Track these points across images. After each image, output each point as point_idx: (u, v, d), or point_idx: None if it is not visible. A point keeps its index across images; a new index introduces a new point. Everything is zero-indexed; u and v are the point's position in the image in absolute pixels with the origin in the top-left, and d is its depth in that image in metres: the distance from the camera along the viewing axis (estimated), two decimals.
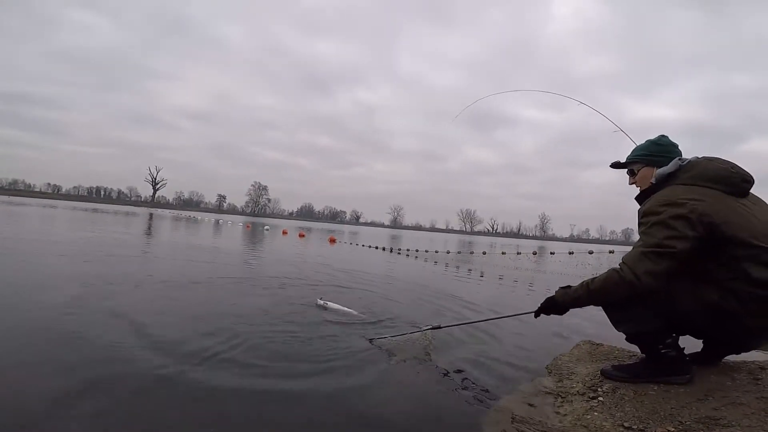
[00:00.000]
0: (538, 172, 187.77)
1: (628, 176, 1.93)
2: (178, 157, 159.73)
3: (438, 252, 12.21)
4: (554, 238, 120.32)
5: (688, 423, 1.43)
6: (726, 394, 1.55)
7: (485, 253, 12.29)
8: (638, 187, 1.87)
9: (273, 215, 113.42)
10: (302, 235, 18.44)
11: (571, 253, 11.04)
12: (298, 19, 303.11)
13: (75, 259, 5.06)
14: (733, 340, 1.69)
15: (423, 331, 2.56)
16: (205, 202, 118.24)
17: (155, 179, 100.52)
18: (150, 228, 14.23)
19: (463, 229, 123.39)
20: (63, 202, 54.98)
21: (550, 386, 1.94)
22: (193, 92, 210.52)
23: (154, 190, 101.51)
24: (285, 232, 19.79)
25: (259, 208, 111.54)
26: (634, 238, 1.70)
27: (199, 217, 35.52)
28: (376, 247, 13.22)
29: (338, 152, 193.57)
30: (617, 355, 2.21)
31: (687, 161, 1.70)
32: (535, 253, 14.75)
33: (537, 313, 1.91)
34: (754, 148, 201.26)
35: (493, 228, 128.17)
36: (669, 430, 1.41)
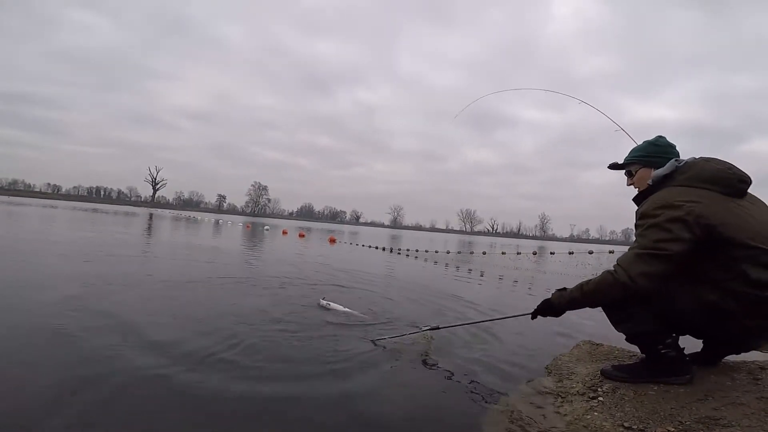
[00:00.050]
0: (538, 172, 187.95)
1: (626, 177, 1.93)
2: (178, 157, 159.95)
3: (438, 252, 12.21)
4: (554, 238, 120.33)
5: (688, 423, 1.43)
6: (726, 394, 1.55)
7: (485, 253, 12.29)
8: (636, 188, 1.87)
9: (273, 215, 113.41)
10: (302, 235, 18.44)
11: (571, 253, 11.06)
12: (298, 19, 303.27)
13: (75, 259, 5.06)
14: (732, 341, 1.69)
15: (422, 331, 2.56)
16: (205, 202, 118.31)
17: (155, 179, 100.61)
18: (150, 228, 14.23)
19: (463, 229, 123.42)
20: (63, 202, 54.98)
21: (550, 386, 1.94)
22: (193, 92, 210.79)
23: (154, 190, 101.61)
24: (285, 232, 19.79)
25: (259, 208, 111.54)
26: (634, 239, 1.70)
27: (199, 217, 35.50)
28: (376, 247, 13.22)
29: (338, 152, 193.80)
30: (617, 355, 2.21)
31: (684, 162, 1.70)
32: (535, 253, 14.76)
33: (534, 315, 1.92)
34: (754, 148, 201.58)
35: (493, 228, 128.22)
36: (669, 430, 1.41)
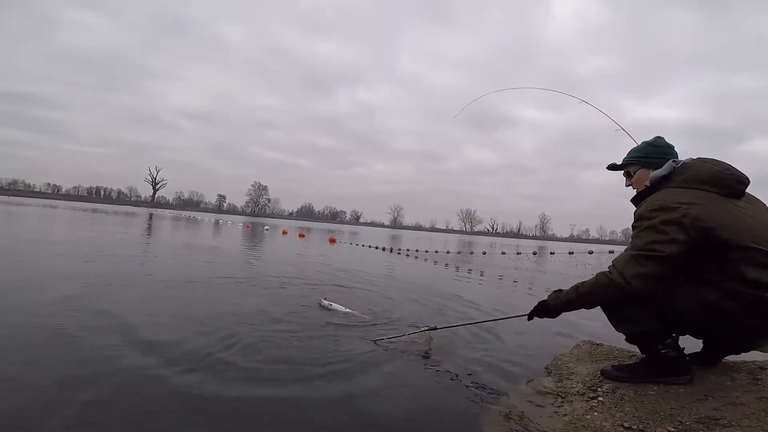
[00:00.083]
0: (538, 172, 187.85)
1: (625, 178, 1.93)
2: (178, 157, 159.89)
3: (438, 252, 12.21)
4: (554, 238, 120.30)
5: (688, 423, 1.43)
6: (726, 394, 1.55)
7: (485, 253, 12.29)
8: (635, 189, 1.87)
9: (273, 215, 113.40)
10: (302, 235, 18.44)
11: (571, 253, 11.05)
12: (298, 19, 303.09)
13: (75, 259, 5.07)
14: (732, 341, 1.69)
15: (420, 332, 2.57)
16: (205, 202, 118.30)
17: (155, 179, 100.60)
18: (150, 228, 14.23)
19: (463, 229, 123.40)
20: (63, 202, 54.98)
21: (550, 386, 1.94)
22: (193, 92, 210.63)
23: (154, 190, 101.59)
24: (285, 232, 19.79)
25: (259, 208, 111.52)
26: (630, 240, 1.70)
27: (199, 217, 35.51)
28: (376, 247, 13.22)
29: (338, 152, 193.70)
30: (617, 355, 2.21)
31: (681, 163, 1.69)
32: (535, 253, 14.75)
33: (530, 316, 1.93)
34: (754, 148, 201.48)
35: (493, 228, 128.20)
36: (669, 430, 1.41)
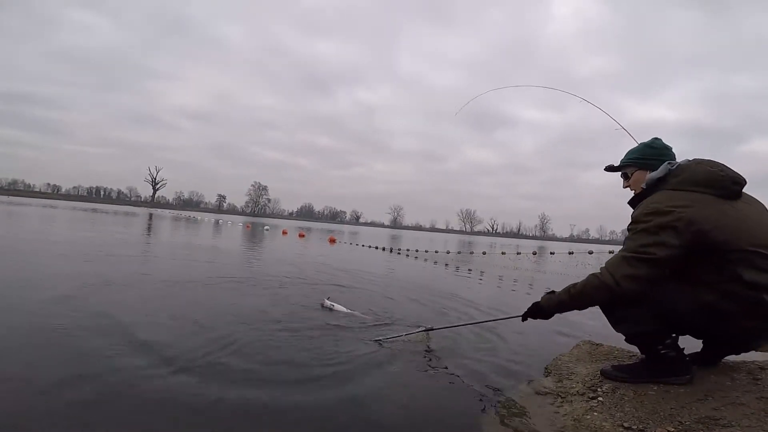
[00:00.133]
0: (538, 172, 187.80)
1: (622, 180, 1.93)
2: (178, 157, 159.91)
3: (438, 252, 12.21)
4: (554, 238, 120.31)
5: (687, 423, 1.43)
6: (726, 394, 1.55)
7: (485, 254, 12.29)
8: (632, 191, 1.86)
9: (273, 215, 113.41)
10: (302, 235, 18.44)
11: (571, 253, 11.06)
12: (298, 19, 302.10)
13: (75, 259, 5.07)
14: (732, 341, 1.69)
15: (417, 332, 2.57)
16: (205, 202, 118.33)
17: (155, 179, 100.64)
18: (149, 228, 14.23)
19: (463, 230, 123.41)
20: (63, 202, 54.98)
21: (550, 386, 1.94)
22: (193, 92, 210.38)
23: (154, 190, 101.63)
24: (285, 233, 19.79)
25: (259, 208, 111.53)
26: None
27: (199, 217, 35.52)
28: (376, 247, 13.22)
29: (338, 152, 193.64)
30: (617, 355, 2.21)
31: (676, 165, 1.68)
32: (535, 253, 14.75)
33: (524, 317, 1.94)
34: (754, 148, 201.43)
35: (493, 228, 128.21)
36: (669, 430, 1.41)
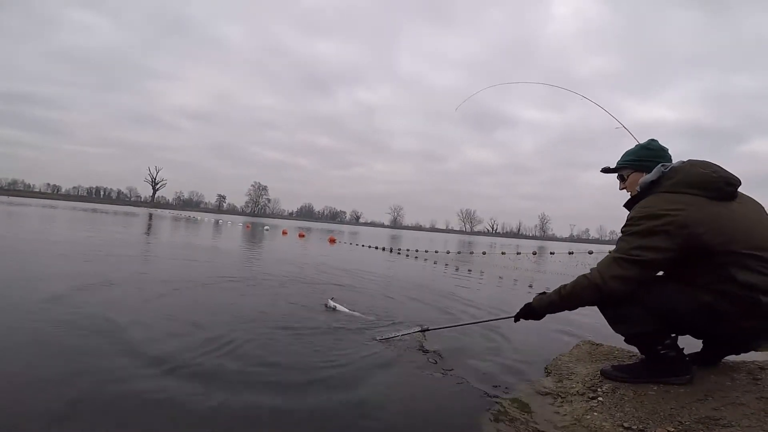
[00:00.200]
0: (538, 172, 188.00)
1: (619, 181, 1.93)
2: (178, 157, 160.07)
3: (438, 252, 12.20)
4: (554, 238, 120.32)
5: (687, 423, 1.43)
6: (726, 394, 1.54)
7: (485, 254, 12.28)
8: (628, 192, 1.86)
9: (273, 215, 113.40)
10: (302, 235, 18.44)
11: (571, 253, 11.07)
12: (298, 19, 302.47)
13: (75, 259, 5.06)
14: (731, 341, 1.69)
15: (413, 332, 2.57)
16: (205, 203, 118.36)
17: (155, 179, 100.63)
18: (149, 228, 14.23)
19: (463, 230, 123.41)
20: (62, 202, 54.97)
21: (550, 386, 1.94)
22: (193, 92, 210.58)
23: (154, 191, 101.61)
24: (285, 233, 19.79)
25: (258, 208, 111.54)
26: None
27: (199, 218, 35.52)
28: (376, 247, 13.21)
29: (338, 152, 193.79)
30: (617, 356, 2.21)
31: (670, 167, 1.67)
32: (535, 253, 14.74)
33: (516, 318, 1.96)
34: (754, 148, 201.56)
35: (493, 228, 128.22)
36: (669, 431, 1.41)
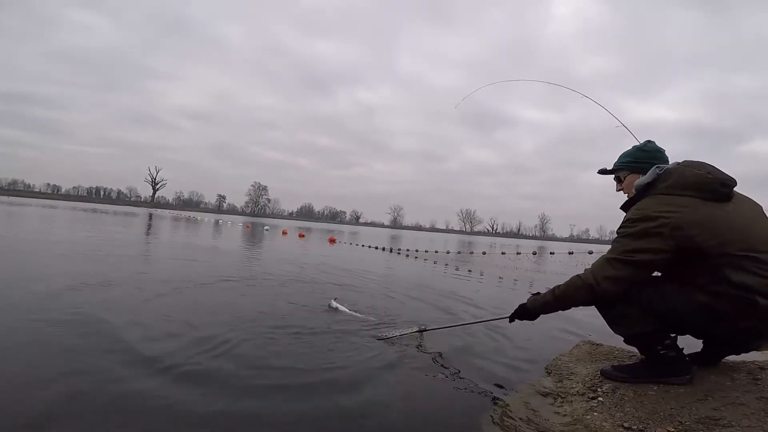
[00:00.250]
0: (538, 172, 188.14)
1: (616, 183, 1.93)
2: (178, 157, 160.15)
3: (438, 252, 12.19)
4: (554, 238, 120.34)
5: (687, 423, 1.43)
6: (726, 394, 1.54)
7: (485, 254, 12.29)
8: (625, 194, 1.86)
9: (273, 215, 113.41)
10: (302, 236, 18.44)
11: (571, 253, 11.08)
12: (298, 19, 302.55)
13: (74, 259, 5.06)
14: (731, 341, 1.69)
15: (412, 333, 2.57)
16: (205, 203, 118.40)
17: (155, 179, 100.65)
18: (149, 228, 14.23)
19: (463, 230, 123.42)
20: (62, 202, 54.98)
21: (550, 386, 1.94)
22: (193, 92, 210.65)
23: (154, 191, 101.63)
24: (285, 233, 19.78)
25: (258, 209, 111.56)
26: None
27: (199, 218, 35.53)
28: (376, 247, 13.21)
29: (338, 152, 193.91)
30: (617, 356, 2.21)
31: (664, 169, 1.67)
32: (535, 253, 14.76)
33: (511, 319, 1.97)
34: (754, 148, 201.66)
35: (493, 228, 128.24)
36: (669, 431, 1.41)
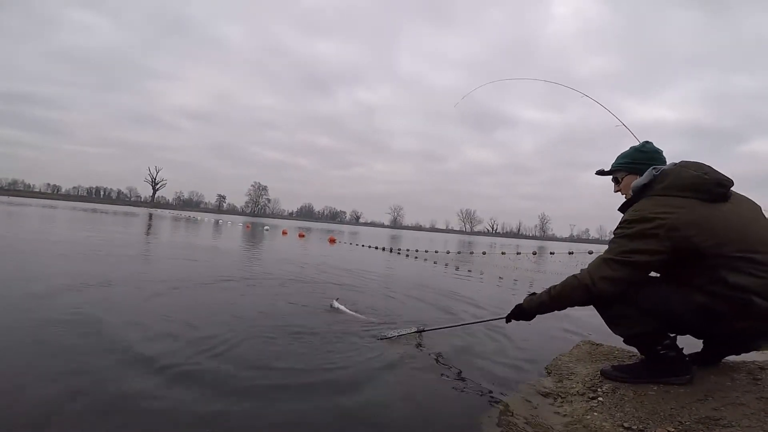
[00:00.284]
0: (538, 172, 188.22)
1: (614, 184, 1.93)
2: (178, 157, 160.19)
3: (438, 252, 12.19)
4: (554, 238, 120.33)
5: (687, 423, 1.43)
6: (726, 394, 1.54)
7: (485, 254, 12.29)
8: (623, 195, 1.86)
9: (273, 215, 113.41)
10: (302, 236, 18.44)
11: (571, 253, 11.06)
12: (298, 19, 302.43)
13: (74, 259, 5.06)
14: (730, 341, 1.69)
15: (410, 333, 2.58)
16: (205, 203, 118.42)
17: (155, 179, 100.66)
18: (149, 228, 14.22)
19: (463, 230, 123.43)
20: (62, 202, 54.98)
21: (550, 386, 1.94)
22: (193, 92, 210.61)
23: (154, 191, 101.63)
24: (285, 233, 19.78)
25: (258, 209, 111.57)
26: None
27: (199, 218, 35.53)
28: (376, 247, 13.21)
29: (338, 152, 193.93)
30: (617, 356, 2.21)
31: (661, 171, 1.67)
32: (535, 253, 14.76)
33: (508, 319, 1.98)
34: (754, 148, 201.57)
35: (493, 228, 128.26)
36: (669, 431, 1.41)
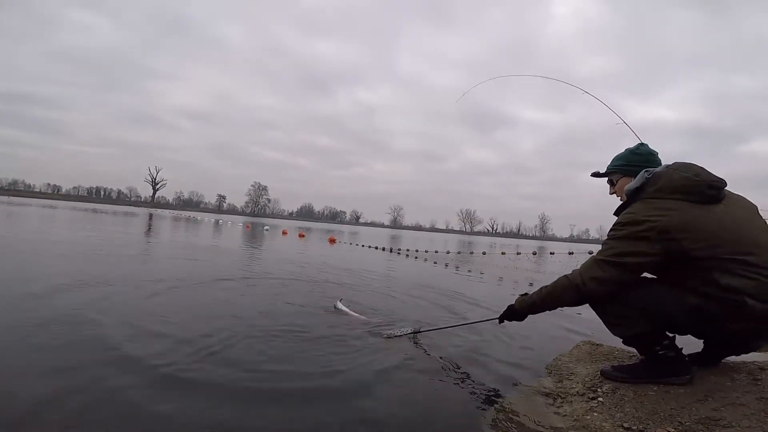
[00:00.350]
0: (538, 172, 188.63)
1: (609, 186, 1.93)
2: (178, 157, 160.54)
3: (438, 252, 12.20)
4: (554, 239, 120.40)
5: (687, 424, 1.42)
6: (726, 394, 1.54)
7: (485, 254, 12.29)
8: (618, 197, 1.86)
9: (273, 215, 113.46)
10: (302, 236, 18.44)
11: (571, 254, 11.05)
12: (298, 19, 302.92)
13: (74, 259, 5.06)
14: (727, 342, 1.69)
15: (405, 334, 2.57)
16: (205, 203, 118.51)
17: (155, 179, 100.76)
18: (149, 228, 14.23)
19: (463, 230, 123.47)
20: (63, 202, 55.01)
21: (550, 387, 1.94)
22: (193, 92, 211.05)
23: (154, 191, 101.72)
24: (285, 233, 19.78)
25: (258, 209, 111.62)
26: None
27: (199, 218, 35.55)
28: (376, 247, 13.21)
29: (338, 152, 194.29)
30: (617, 356, 2.21)
31: (653, 173, 1.67)
32: (535, 254, 14.76)
33: (500, 320, 1.99)
34: (754, 148, 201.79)
35: (493, 228, 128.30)
36: (669, 431, 1.40)
